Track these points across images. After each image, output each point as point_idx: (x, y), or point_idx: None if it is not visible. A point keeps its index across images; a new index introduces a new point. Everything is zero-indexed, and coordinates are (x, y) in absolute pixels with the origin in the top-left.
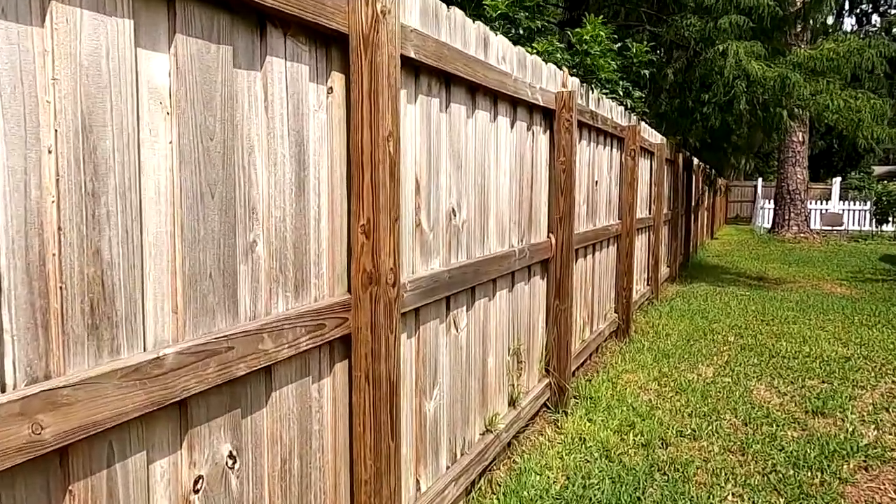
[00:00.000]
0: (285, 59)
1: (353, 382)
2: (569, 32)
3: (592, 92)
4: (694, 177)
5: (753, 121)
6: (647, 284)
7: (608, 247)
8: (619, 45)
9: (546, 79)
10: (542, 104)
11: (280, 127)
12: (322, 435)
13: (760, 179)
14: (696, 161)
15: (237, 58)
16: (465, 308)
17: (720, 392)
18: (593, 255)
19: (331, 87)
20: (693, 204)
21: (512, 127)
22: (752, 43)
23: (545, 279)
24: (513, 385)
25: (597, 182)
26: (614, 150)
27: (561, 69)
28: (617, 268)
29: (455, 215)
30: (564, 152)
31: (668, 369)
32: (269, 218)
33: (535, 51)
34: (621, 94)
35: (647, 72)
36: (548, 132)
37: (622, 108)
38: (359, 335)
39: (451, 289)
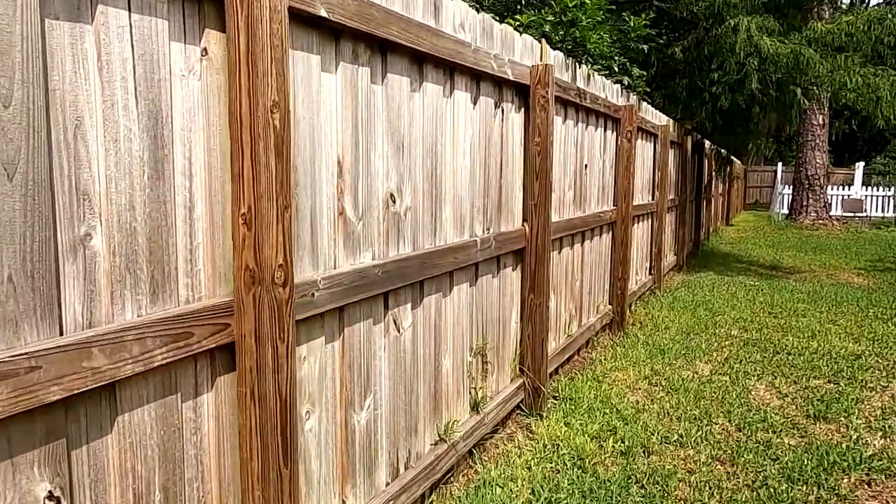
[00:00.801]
0: (129, 10)
1: (239, 400)
2: (552, 2)
3: (580, 67)
4: (706, 161)
5: (766, 101)
6: (650, 274)
7: (601, 235)
8: (613, 16)
9: (520, 51)
10: (512, 79)
11: (124, 95)
12: (201, 461)
13: (780, 164)
14: (708, 144)
15: (51, 6)
16: (409, 306)
17: (715, 392)
18: (582, 243)
19: (205, 49)
20: (704, 189)
21: (475, 103)
22: (765, 18)
23: (519, 271)
24: (475, 388)
25: (586, 165)
26: (608, 131)
27: (539, 41)
28: (612, 257)
29: (395, 202)
30: (540, 132)
31: (662, 366)
32: (109, 206)
33: (518, 23)
34: (617, 70)
35: (645, 46)
36: (522, 110)
37: (618, 86)
38: (243, 344)
39: (389, 285)
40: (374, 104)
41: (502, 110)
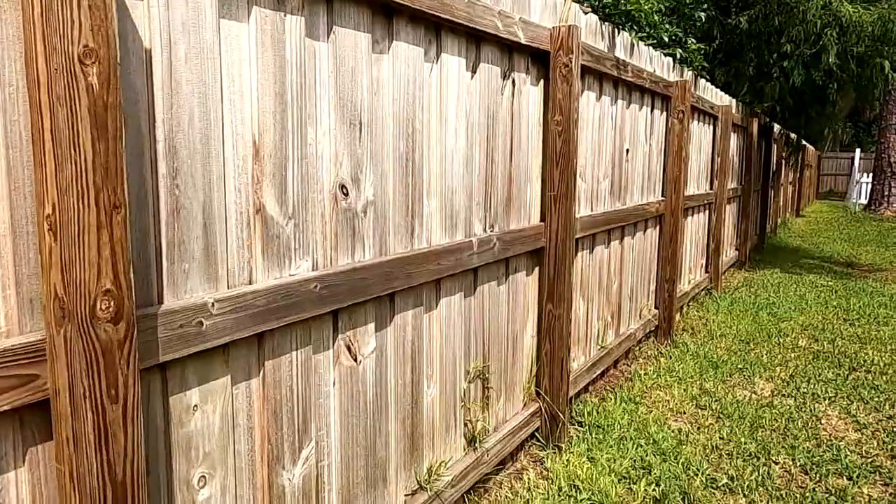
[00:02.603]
0: None
1: (59, 482)
2: None
3: (620, 34)
4: (774, 146)
5: (845, 78)
6: (706, 272)
7: (645, 230)
8: None
9: (539, 10)
10: (525, 43)
11: None
12: None
13: (858, 150)
14: (777, 128)
15: None
16: (371, 326)
17: (777, 420)
18: (621, 240)
19: None
20: (771, 177)
21: (473, 72)
22: None
23: (535, 276)
24: (472, 420)
25: (627, 150)
26: (656, 110)
27: None
28: (659, 255)
29: (347, 195)
30: (561, 109)
31: (714, 384)
32: None
33: None
34: (667, 41)
35: (702, 14)
36: (541, 82)
37: (669, 59)
38: (57, 405)
39: (336, 302)
40: (317, 67)
41: (513, 81)
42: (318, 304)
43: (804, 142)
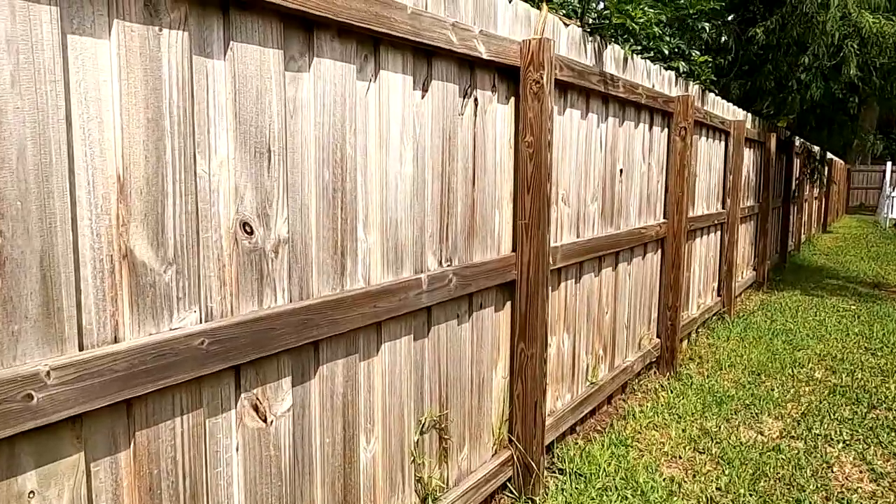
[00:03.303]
0: None
1: None
2: None
3: (609, 47)
4: (797, 160)
5: (867, 90)
6: (717, 295)
7: (644, 255)
8: None
9: (508, 22)
10: (488, 58)
11: None
12: None
13: (890, 163)
14: (798, 142)
15: None
16: (287, 381)
17: (783, 467)
18: (615, 267)
19: None
20: (793, 193)
21: (424, 90)
22: None
23: (506, 311)
24: (426, 476)
25: (621, 171)
26: (656, 127)
27: (540, 7)
28: (661, 281)
29: (253, 233)
30: (532, 129)
31: (717, 423)
32: None
33: None
34: (667, 53)
35: (707, 25)
36: (512, 100)
37: (671, 73)
38: None
39: (238, 357)
40: (209, 89)
41: (475, 100)
42: (211, 361)
43: (831, 155)
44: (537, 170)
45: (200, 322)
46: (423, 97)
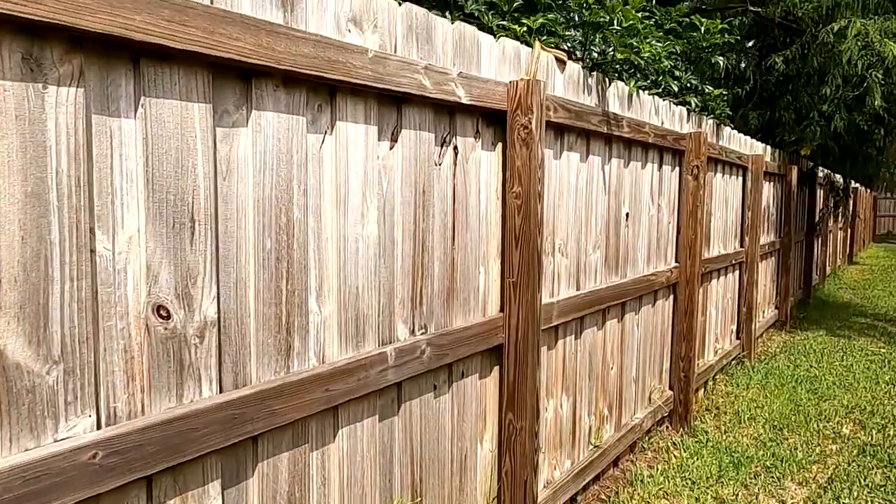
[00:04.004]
0: None
1: None
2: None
3: (609, 84)
4: (820, 192)
5: (894, 122)
6: (737, 338)
7: (655, 301)
8: (677, 23)
9: (494, 62)
10: (469, 103)
11: None
12: None
13: None
14: (822, 173)
15: None
16: (216, 483)
17: None
18: (621, 318)
19: None
20: (816, 226)
21: (392, 140)
22: (888, 19)
23: (495, 376)
24: None
25: (627, 215)
26: (666, 166)
27: (532, 45)
28: (673, 328)
29: (170, 317)
30: (521, 179)
31: (734, 489)
32: None
33: (522, 28)
34: (675, 88)
35: (721, 59)
36: (498, 146)
37: (682, 109)
38: None
39: (150, 464)
40: (114, 153)
41: (455, 148)
42: (109, 476)
43: (856, 184)
44: (526, 223)
45: (97, 428)
46: (391, 148)
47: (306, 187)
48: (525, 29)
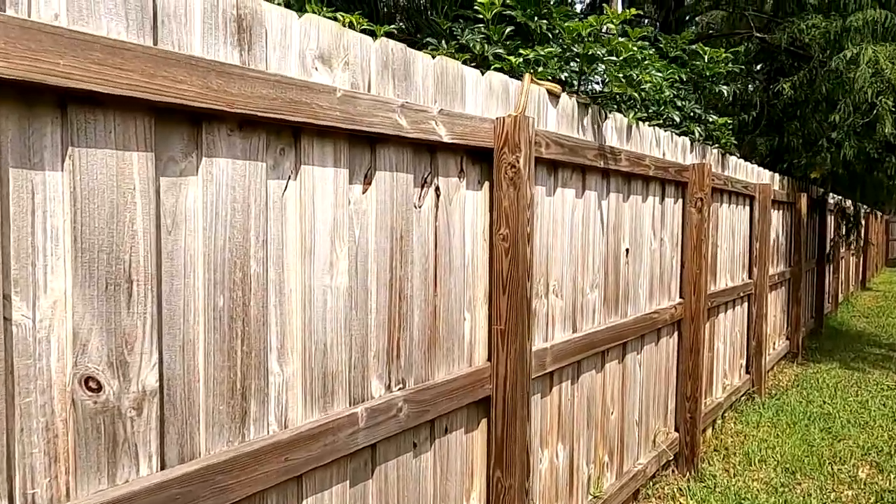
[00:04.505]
0: None
1: None
2: (560, 29)
3: (606, 117)
4: (831, 218)
5: None
6: (746, 373)
7: (658, 340)
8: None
9: (480, 97)
10: (451, 141)
11: None
12: None
13: None
14: (833, 200)
15: None
16: None
17: None
18: (622, 359)
19: None
20: (828, 254)
21: (366, 183)
22: None
23: (483, 429)
24: None
25: (627, 250)
26: (668, 198)
27: (521, 78)
28: (678, 367)
29: (101, 389)
30: (508, 221)
31: None
32: None
33: (518, 59)
34: (677, 119)
35: (725, 88)
36: (486, 185)
37: (684, 139)
38: None
39: None
40: (37, 208)
41: (436, 189)
42: None
43: (867, 208)
44: (514, 267)
45: None
46: (364, 191)
47: (266, 238)
48: (521, 61)
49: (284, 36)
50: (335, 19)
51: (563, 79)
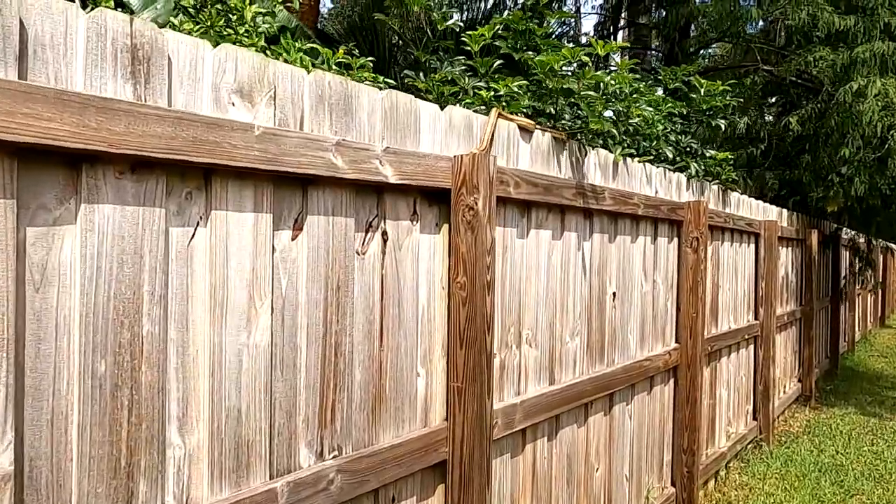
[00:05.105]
0: None
1: None
2: (528, 61)
3: (587, 153)
4: (845, 253)
5: None
6: (753, 419)
7: (651, 388)
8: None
9: (437, 132)
10: (399, 182)
11: None
12: None
13: None
14: (846, 235)
15: None
16: None
17: None
18: (608, 411)
19: None
20: (842, 291)
21: (296, 229)
22: None
23: (437, 498)
24: None
25: (614, 294)
26: (661, 237)
27: (488, 114)
28: (674, 416)
29: None
30: (466, 269)
31: None
32: None
33: (490, 93)
34: (670, 155)
35: (722, 122)
36: (445, 226)
37: (679, 175)
38: None
39: None
40: None
41: (383, 234)
42: None
43: (883, 244)
44: (472, 318)
45: None
46: (294, 238)
47: (165, 292)
48: (491, 94)
49: (194, 68)
50: (313, 52)
51: (553, 112)
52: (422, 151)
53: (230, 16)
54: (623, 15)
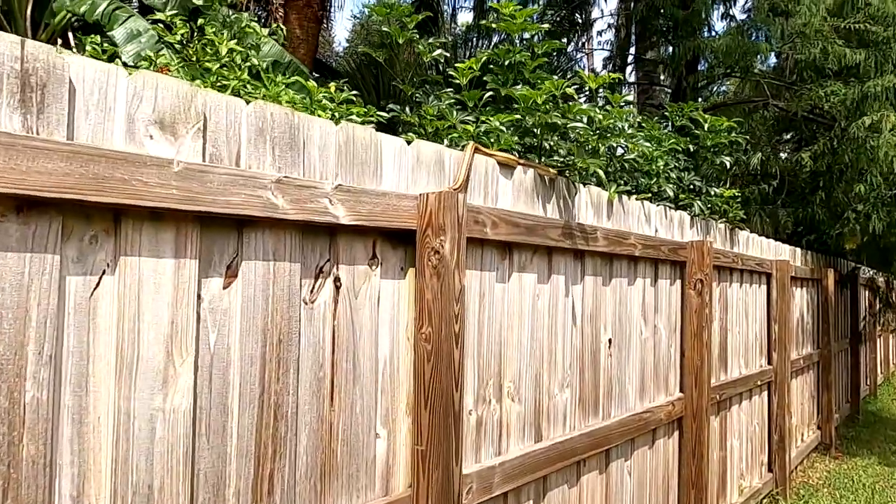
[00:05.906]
0: None
1: None
2: (510, 94)
3: (576, 190)
4: (865, 292)
5: None
6: (769, 471)
7: (654, 442)
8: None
9: (403, 168)
10: (353, 223)
11: None
12: None
13: None
14: (864, 273)
15: None
16: None
17: None
18: (604, 469)
19: None
20: (863, 331)
21: (230, 276)
22: None
23: None
24: None
25: (610, 341)
26: (663, 280)
27: (463, 150)
28: (679, 472)
29: None
30: (430, 318)
31: None
32: None
33: (478, 128)
34: (671, 193)
35: (727, 160)
36: (410, 271)
37: (682, 214)
38: None
39: None
40: None
41: (336, 281)
42: None
43: None
44: (437, 374)
45: None
46: (226, 286)
47: (57, 352)
48: (480, 130)
49: (104, 97)
50: (297, 85)
51: (548, 147)
52: (382, 189)
53: (207, 50)
54: (631, 51)
